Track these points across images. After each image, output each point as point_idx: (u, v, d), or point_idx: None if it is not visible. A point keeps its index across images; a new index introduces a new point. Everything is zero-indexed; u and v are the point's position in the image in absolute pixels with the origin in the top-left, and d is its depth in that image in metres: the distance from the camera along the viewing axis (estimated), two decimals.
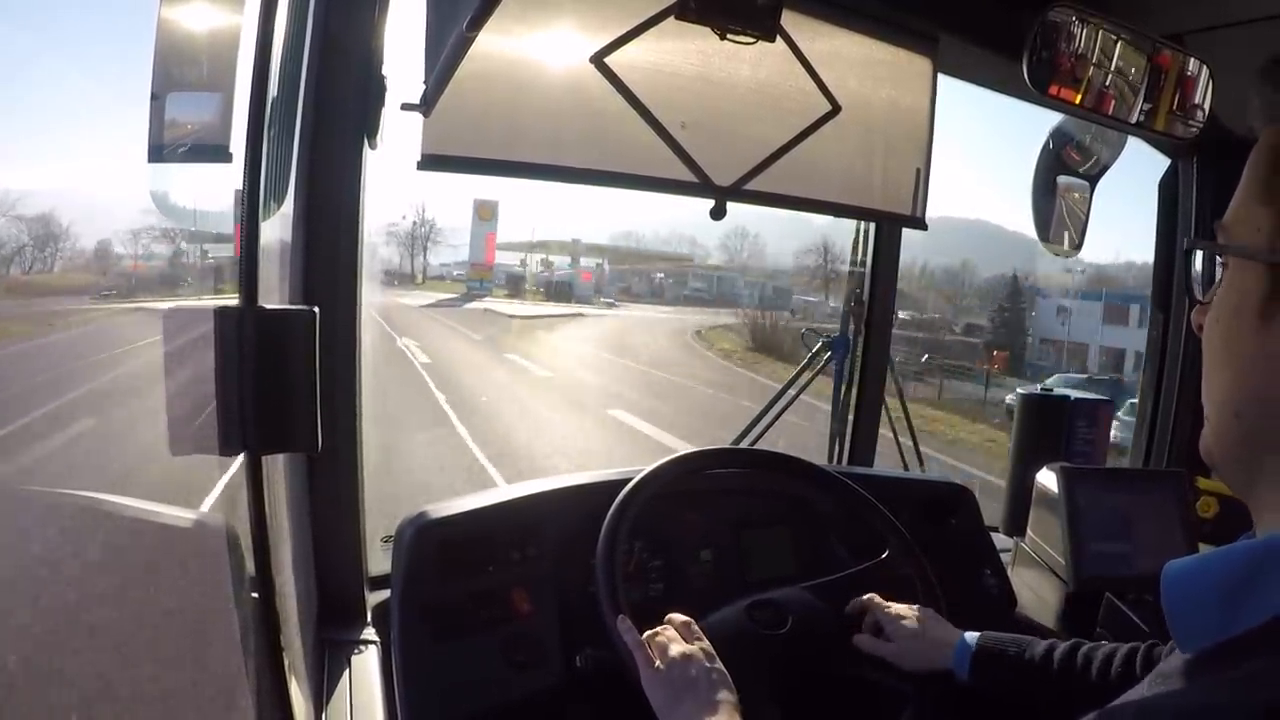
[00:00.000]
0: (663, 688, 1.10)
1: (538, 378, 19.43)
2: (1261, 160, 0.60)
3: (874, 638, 1.33)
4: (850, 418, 2.08)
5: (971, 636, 1.29)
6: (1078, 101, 1.53)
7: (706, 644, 1.15)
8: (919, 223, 1.66)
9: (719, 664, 1.12)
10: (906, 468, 2.20)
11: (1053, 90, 1.49)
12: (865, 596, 1.38)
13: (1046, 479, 1.80)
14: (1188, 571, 0.59)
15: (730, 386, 19.89)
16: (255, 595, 0.86)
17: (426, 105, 1.18)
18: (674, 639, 1.16)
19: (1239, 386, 0.62)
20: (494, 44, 1.21)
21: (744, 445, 1.92)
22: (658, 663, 1.12)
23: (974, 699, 1.29)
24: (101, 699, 0.90)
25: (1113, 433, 2.16)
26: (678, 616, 1.21)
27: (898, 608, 1.35)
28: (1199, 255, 0.68)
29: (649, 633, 1.18)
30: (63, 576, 0.98)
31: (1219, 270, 0.65)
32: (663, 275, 57.66)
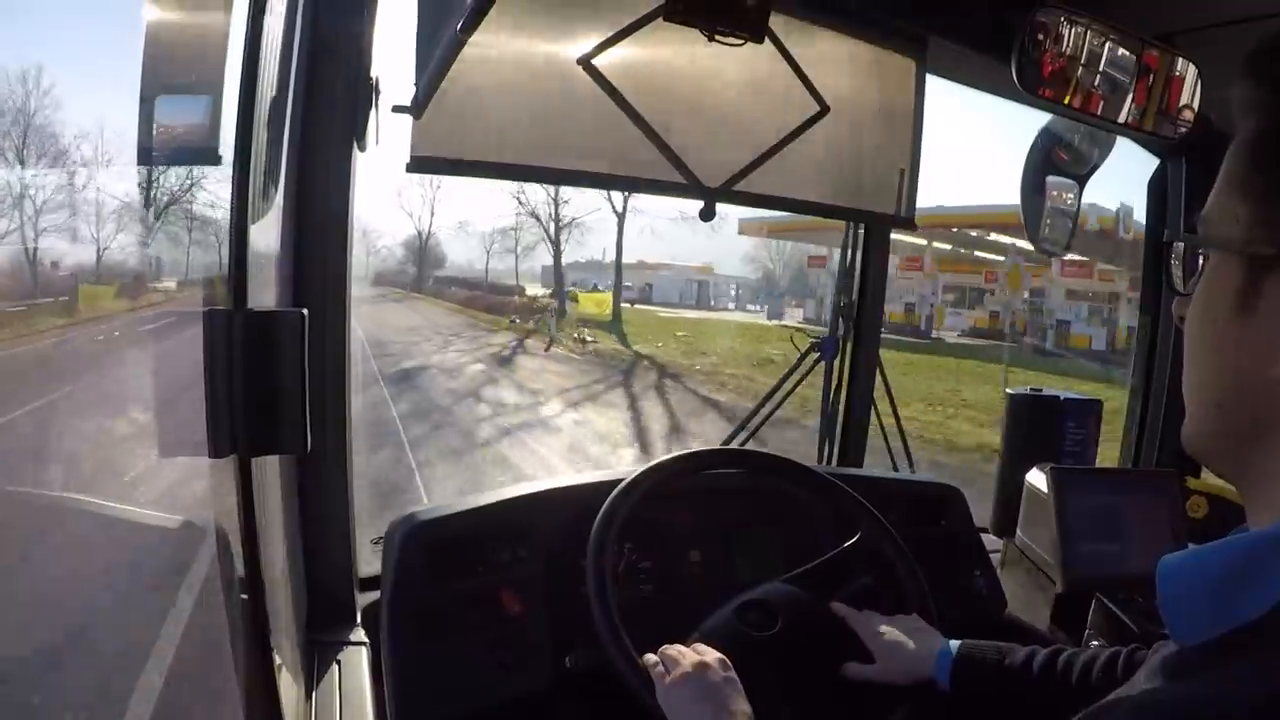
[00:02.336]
0: (681, 699, 1.10)
1: None
2: (1240, 155, 0.61)
3: (856, 663, 1.30)
4: (840, 419, 2.08)
5: (952, 644, 1.27)
6: (1067, 101, 1.53)
7: (721, 655, 1.16)
8: (908, 222, 1.67)
9: (733, 673, 1.13)
10: (896, 468, 2.21)
11: (1042, 90, 1.49)
12: (846, 611, 1.36)
13: (1036, 479, 1.80)
14: (1185, 564, 0.58)
15: None
16: (244, 596, 0.86)
17: (417, 107, 1.18)
18: (685, 651, 1.16)
19: (1219, 377, 0.62)
20: (483, 46, 1.21)
21: (733, 446, 1.92)
22: (670, 676, 1.12)
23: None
24: (91, 699, 0.90)
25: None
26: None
27: (878, 620, 1.33)
28: (1180, 248, 0.70)
29: (661, 650, 1.18)
30: (52, 578, 0.98)
31: (1200, 263, 0.66)
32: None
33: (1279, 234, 0.57)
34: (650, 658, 1.18)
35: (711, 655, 1.15)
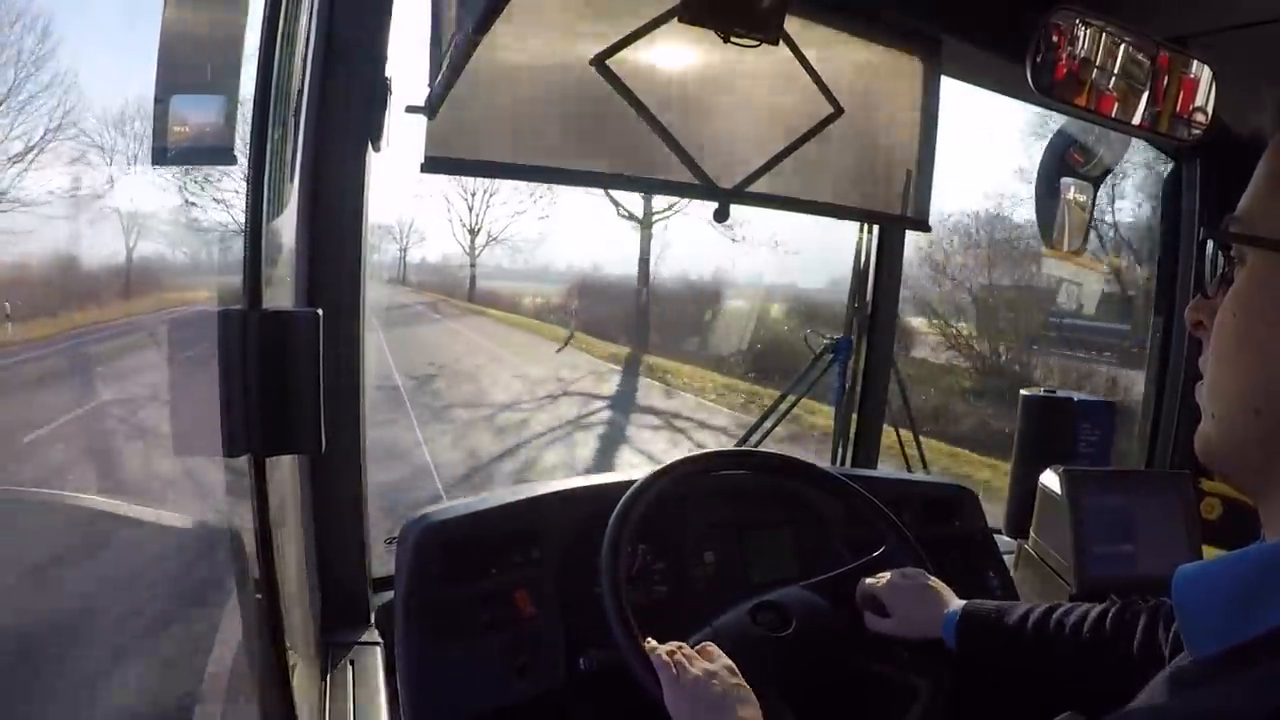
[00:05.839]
0: (688, 705, 1.10)
1: None
2: None
3: (874, 614, 1.33)
4: (854, 420, 2.08)
5: (959, 604, 1.29)
6: (1081, 103, 1.52)
7: (728, 661, 1.15)
8: (922, 224, 1.66)
9: (741, 679, 1.12)
10: (910, 469, 2.20)
11: (1056, 92, 1.49)
12: (870, 583, 1.37)
13: (1050, 481, 1.80)
14: (1200, 575, 0.58)
15: None
16: (259, 597, 0.86)
17: (431, 108, 1.18)
18: (693, 656, 1.16)
19: (1260, 382, 0.59)
20: (498, 46, 1.21)
21: (747, 447, 1.91)
22: (678, 682, 1.12)
23: (981, 692, 1.28)
24: (106, 700, 0.91)
25: None
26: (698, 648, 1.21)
27: (897, 577, 1.35)
28: (1210, 249, 0.67)
29: (666, 648, 1.18)
30: (68, 579, 0.98)
31: (1221, 265, 0.64)
32: None
33: None
34: (658, 650, 1.17)
35: (720, 662, 1.15)
